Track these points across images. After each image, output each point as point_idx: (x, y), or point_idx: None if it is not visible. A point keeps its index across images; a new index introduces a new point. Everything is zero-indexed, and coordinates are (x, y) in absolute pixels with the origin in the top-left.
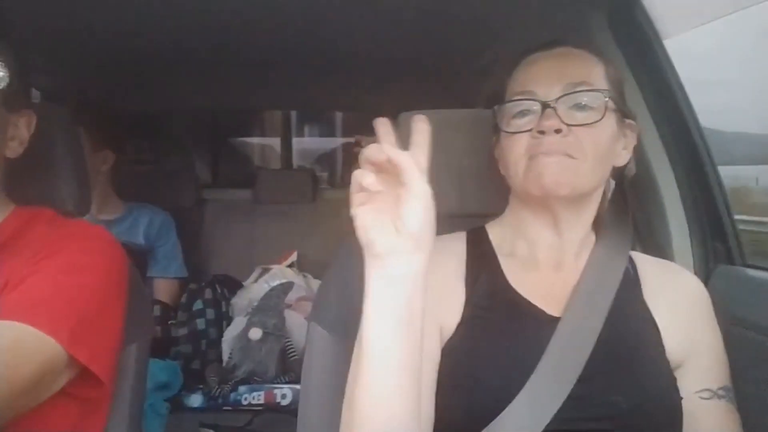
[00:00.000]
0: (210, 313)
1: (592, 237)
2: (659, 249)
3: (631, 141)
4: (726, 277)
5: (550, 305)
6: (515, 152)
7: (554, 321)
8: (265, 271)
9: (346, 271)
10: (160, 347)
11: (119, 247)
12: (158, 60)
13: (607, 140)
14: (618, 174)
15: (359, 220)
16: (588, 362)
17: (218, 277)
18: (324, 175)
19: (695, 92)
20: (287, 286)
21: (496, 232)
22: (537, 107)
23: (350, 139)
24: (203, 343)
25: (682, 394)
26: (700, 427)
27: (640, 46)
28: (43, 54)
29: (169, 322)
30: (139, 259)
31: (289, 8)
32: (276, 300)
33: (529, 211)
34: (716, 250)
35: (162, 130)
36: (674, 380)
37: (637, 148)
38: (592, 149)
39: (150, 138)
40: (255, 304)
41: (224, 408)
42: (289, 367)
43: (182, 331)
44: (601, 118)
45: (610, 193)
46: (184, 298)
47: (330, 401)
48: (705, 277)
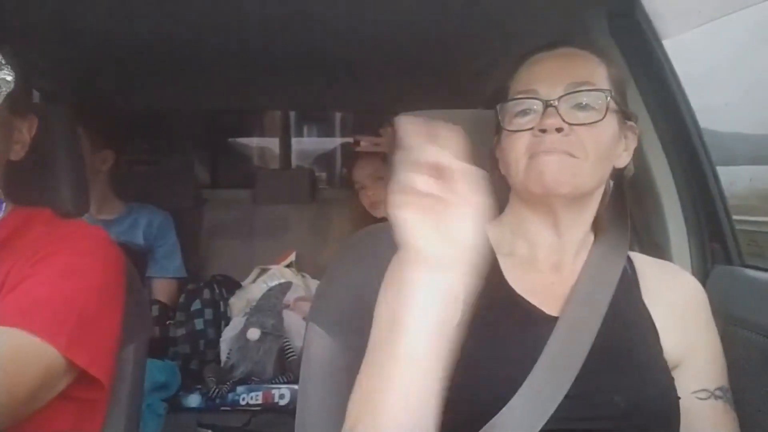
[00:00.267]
0: (208, 314)
1: (591, 237)
2: (657, 249)
3: (632, 143)
4: (724, 278)
5: (548, 305)
6: (516, 150)
7: (552, 320)
8: (263, 272)
9: (345, 272)
10: (158, 347)
11: (116, 247)
12: (157, 60)
13: (608, 140)
14: (617, 174)
15: (408, 224)
16: (586, 362)
17: (217, 277)
18: (323, 176)
19: (693, 93)
20: (285, 287)
21: (495, 232)
22: (539, 106)
23: (349, 139)
24: (201, 343)
25: (679, 394)
26: (697, 428)
27: (639, 46)
28: (42, 54)
29: (167, 323)
30: (139, 259)
31: (289, 8)
32: (274, 300)
33: (529, 210)
34: (714, 250)
35: (161, 131)
36: (672, 380)
37: (636, 148)
38: (593, 149)
39: (149, 138)
40: (253, 304)
41: (222, 408)
42: (288, 368)
43: (180, 332)
44: (603, 118)
45: (609, 193)
46: (182, 299)
47: (328, 401)
48: (703, 277)
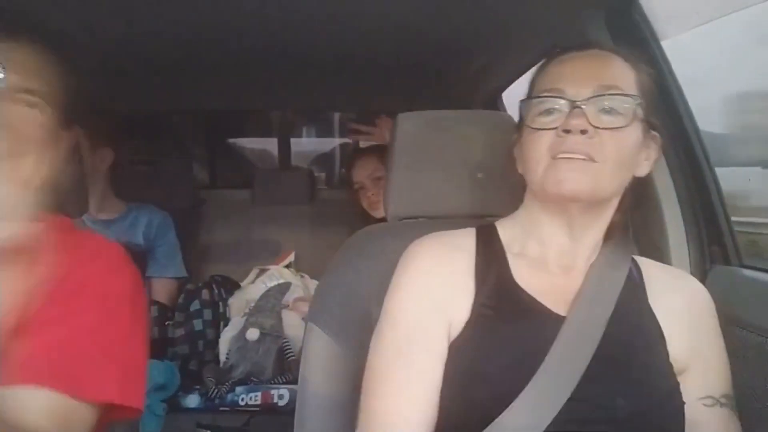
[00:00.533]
0: (207, 314)
1: (602, 242)
2: (656, 250)
3: (654, 153)
4: (722, 278)
5: (557, 305)
6: (538, 150)
7: (560, 320)
8: (262, 272)
9: (344, 272)
10: (157, 348)
11: (133, 265)
12: (156, 60)
13: (631, 147)
14: (631, 179)
15: None
16: (592, 365)
17: (215, 277)
18: (321, 176)
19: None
20: (284, 287)
21: (506, 230)
22: (565, 106)
23: (348, 140)
24: (200, 343)
25: (684, 400)
26: None
27: (637, 46)
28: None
29: (166, 323)
30: (138, 259)
31: (287, 8)
32: (273, 300)
33: (544, 212)
34: (712, 250)
35: (160, 131)
36: (677, 385)
37: None
38: (614, 154)
39: (148, 139)
40: (252, 304)
41: (221, 408)
42: (287, 368)
43: (179, 332)
44: (628, 124)
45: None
46: (181, 299)
47: (327, 401)
48: (701, 277)
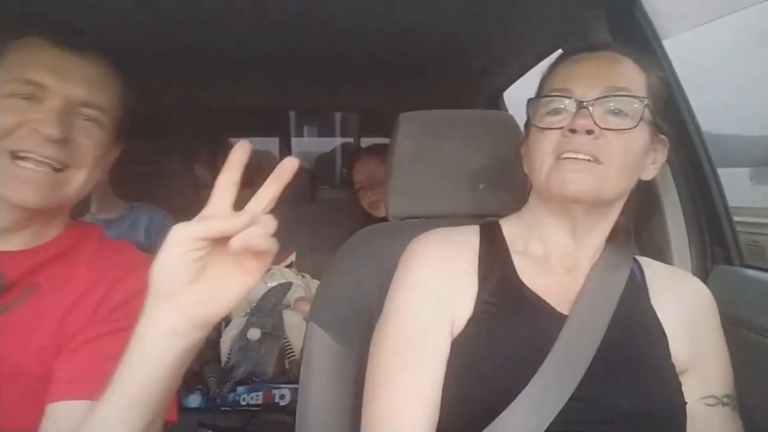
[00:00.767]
0: None
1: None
2: (658, 250)
3: (661, 157)
4: (724, 278)
5: (560, 304)
6: (543, 149)
7: (563, 318)
8: None
9: (345, 272)
10: None
11: None
12: (157, 60)
13: (637, 150)
14: (637, 182)
15: None
16: (594, 364)
17: None
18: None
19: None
20: (286, 287)
21: (510, 229)
22: (572, 106)
23: (349, 139)
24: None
25: (687, 400)
26: None
27: (639, 46)
28: None
29: None
30: None
31: (289, 8)
32: (274, 300)
33: (548, 212)
34: (714, 250)
35: (161, 130)
36: (680, 385)
37: None
38: (619, 155)
39: (149, 138)
40: (253, 304)
41: (223, 408)
42: (288, 368)
43: None
44: (635, 126)
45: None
46: None
47: (329, 401)
48: (703, 277)
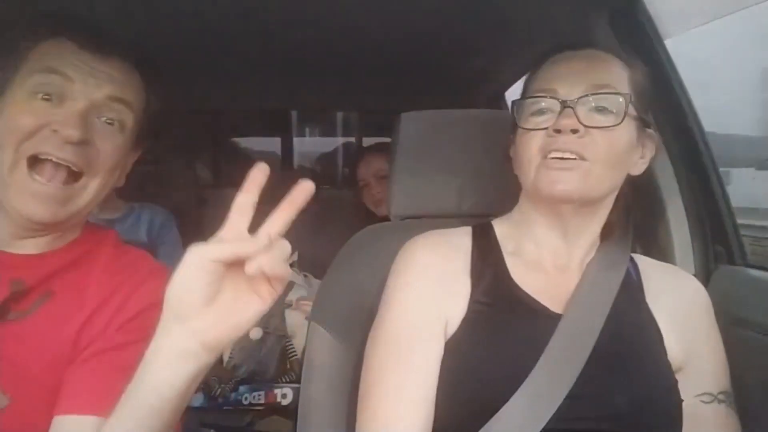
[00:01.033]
0: None
1: (599, 240)
2: (660, 249)
3: (650, 151)
4: (727, 277)
5: (554, 304)
6: (530, 149)
7: (556, 317)
8: None
9: (347, 271)
10: None
11: None
12: (159, 59)
13: (624, 146)
14: (627, 178)
15: None
16: (589, 362)
17: None
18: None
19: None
20: (288, 286)
21: (502, 229)
22: (556, 106)
23: (351, 139)
24: None
25: (683, 397)
26: (700, 431)
27: (641, 45)
28: None
29: None
30: None
31: (290, 8)
32: (276, 300)
33: (538, 213)
34: (717, 250)
35: (162, 130)
36: (675, 383)
37: None
38: (606, 153)
39: (150, 138)
40: None
41: (225, 408)
42: (290, 367)
43: None
44: (620, 123)
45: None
46: None
47: (330, 400)
48: (706, 277)
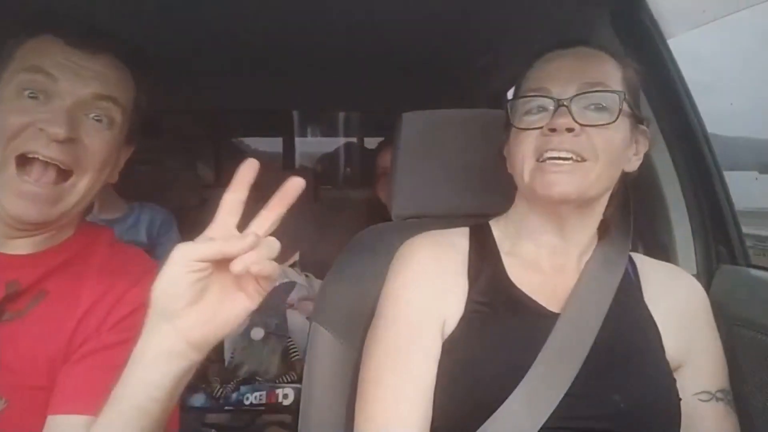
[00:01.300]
0: None
1: (596, 239)
2: (662, 249)
3: (643, 147)
4: (729, 277)
5: (551, 303)
6: (524, 149)
7: (554, 317)
8: None
9: (348, 271)
10: None
11: None
12: (160, 59)
13: (619, 143)
14: (621, 174)
15: None
16: (587, 361)
17: None
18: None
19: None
20: (289, 286)
21: (499, 229)
22: (550, 105)
23: (352, 139)
24: None
25: (681, 396)
26: (698, 429)
27: (643, 44)
28: None
29: None
30: None
31: (290, 8)
32: (278, 300)
33: (534, 213)
34: (719, 250)
35: (164, 130)
36: (673, 381)
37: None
38: (603, 151)
39: (152, 138)
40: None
41: (226, 408)
42: (291, 367)
43: None
44: (615, 120)
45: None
46: None
47: (332, 401)
48: (708, 276)
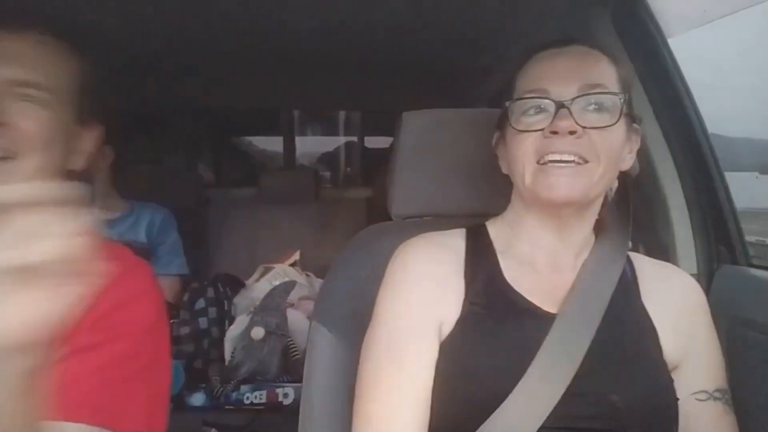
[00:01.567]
0: (212, 312)
1: (592, 237)
2: (663, 249)
3: (636, 145)
4: (730, 277)
5: (547, 303)
6: (524, 151)
7: (551, 317)
8: (267, 270)
9: (348, 271)
10: None
11: (160, 288)
12: (161, 59)
13: (620, 144)
14: (621, 174)
15: None
16: (585, 360)
17: (220, 276)
18: (326, 175)
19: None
20: (290, 285)
21: (496, 230)
22: (550, 106)
23: (353, 138)
24: (205, 342)
25: (678, 395)
26: (697, 429)
27: (644, 43)
28: None
29: (171, 321)
30: (142, 257)
31: (291, 8)
32: (278, 299)
33: (531, 213)
34: (720, 250)
35: (164, 130)
36: (671, 381)
37: (641, 148)
38: (605, 153)
39: (152, 137)
40: (257, 303)
41: (226, 407)
42: (292, 367)
43: (184, 330)
44: (617, 122)
45: (612, 194)
46: (186, 297)
47: (332, 400)
48: (709, 277)
